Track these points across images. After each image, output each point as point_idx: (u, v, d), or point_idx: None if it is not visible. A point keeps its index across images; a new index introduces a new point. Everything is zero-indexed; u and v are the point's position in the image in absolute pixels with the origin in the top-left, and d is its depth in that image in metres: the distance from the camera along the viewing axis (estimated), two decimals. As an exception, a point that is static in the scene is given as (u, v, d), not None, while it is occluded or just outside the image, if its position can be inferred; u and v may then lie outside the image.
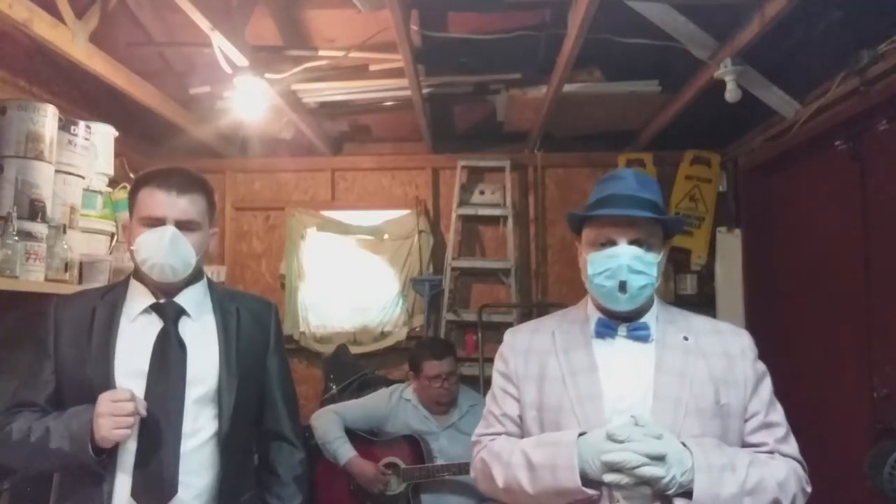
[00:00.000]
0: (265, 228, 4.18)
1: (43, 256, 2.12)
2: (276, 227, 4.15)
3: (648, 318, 1.47)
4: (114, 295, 1.59)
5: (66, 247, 2.25)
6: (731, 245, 3.63)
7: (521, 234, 4.04)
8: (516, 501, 1.43)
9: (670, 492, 1.27)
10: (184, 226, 1.53)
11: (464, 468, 2.72)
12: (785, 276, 3.33)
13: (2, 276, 1.95)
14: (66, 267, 2.25)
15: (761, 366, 1.47)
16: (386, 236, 4.03)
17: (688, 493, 1.27)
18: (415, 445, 2.80)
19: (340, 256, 4.03)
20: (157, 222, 1.51)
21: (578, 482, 1.29)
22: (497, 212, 3.97)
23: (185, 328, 1.57)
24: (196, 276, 1.63)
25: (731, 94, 2.66)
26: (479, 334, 3.87)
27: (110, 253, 2.55)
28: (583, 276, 1.51)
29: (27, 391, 1.53)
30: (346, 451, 2.77)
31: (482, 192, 4.03)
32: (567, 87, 3.01)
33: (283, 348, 1.77)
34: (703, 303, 3.68)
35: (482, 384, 3.74)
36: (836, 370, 2.72)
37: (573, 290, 4.02)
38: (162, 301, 1.57)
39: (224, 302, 1.66)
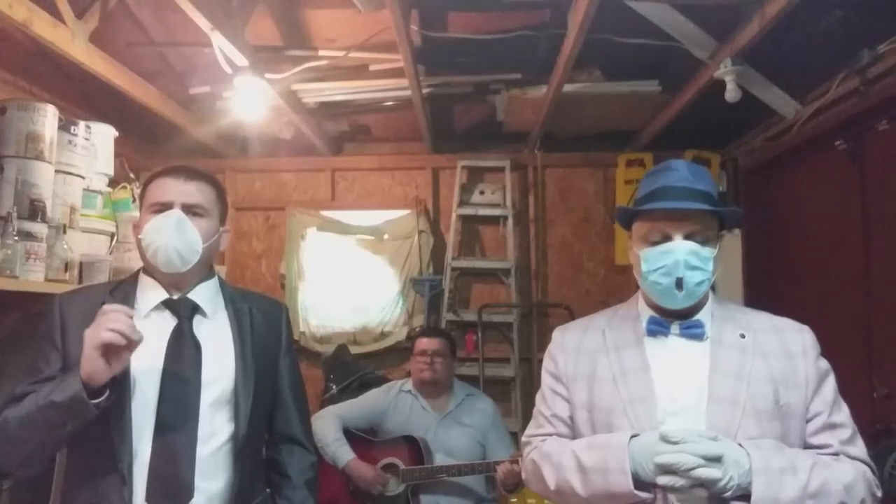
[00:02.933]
0: (265, 228, 4.19)
1: (43, 256, 2.11)
2: (276, 227, 4.16)
3: (703, 316, 1.41)
4: (123, 290, 1.54)
5: (66, 247, 2.25)
6: (731, 245, 3.63)
7: (521, 234, 4.05)
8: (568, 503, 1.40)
9: (728, 494, 1.22)
10: (190, 210, 1.50)
11: (463, 469, 2.72)
12: (785, 276, 3.33)
13: (2, 276, 1.94)
14: (66, 267, 2.25)
15: (824, 364, 1.40)
16: (386, 236, 4.03)
17: (745, 496, 1.22)
18: (414, 446, 2.80)
19: (340, 256, 4.03)
20: (164, 207, 1.49)
21: (631, 485, 1.26)
22: (497, 212, 3.98)
23: (200, 327, 1.52)
24: (208, 274, 1.61)
25: (731, 94, 2.66)
26: (479, 334, 3.88)
27: (110, 253, 2.55)
28: (635, 272, 1.44)
29: (30, 386, 1.43)
30: (344, 454, 2.78)
31: (482, 192, 4.03)
32: (567, 87, 3.01)
33: (294, 350, 1.74)
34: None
35: (482, 384, 3.75)
36: (835, 370, 2.72)
37: (573, 290, 4.03)
38: (175, 297, 1.53)
39: (236, 301, 1.63)
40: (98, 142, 2.55)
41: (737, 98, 2.68)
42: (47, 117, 2.18)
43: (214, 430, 1.48)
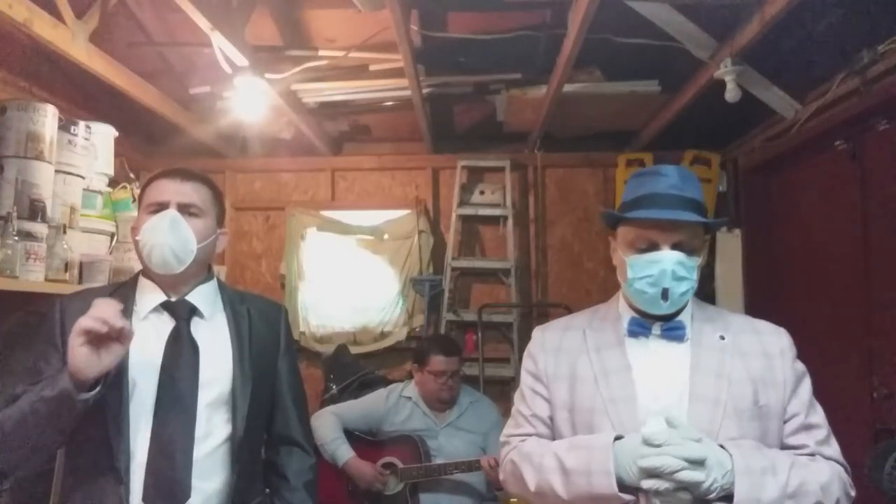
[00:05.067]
0: (265, 228, 4.19)
1: (43, 256, 2.11)
2: (276, 227, 4.15)
3: (684, 317, 1.41)
4: (123, 293, 1.55)
5: (66, 247, 2.25)
6: (731, 245, 3.63)
7: (521, 234, 4.05)
8: None
9: (711, 496, 1.23)
10: (185, 209, 1.52)
11: (461, 466, 2.72)
12: (785, 277, 3.33)
13: (2, 276, 1.94)
14: (66, 267, 2.25)
15: (801, 366, 1.42)
16: (386, 236, 4.03)
17: (728, 497, 1.22)
18: (412, 445, 2.80)
19: (340, 256, 4.03)
20: (160, 207, 1.51)
21: (615, 488, 1.25)
22: (497, 212, 3.98)
23: (198, 328, 1.54)
24: (206, 276, 1.61)
25: (731, 94, 2.66)
26: (479, 334, 3.88)
27: (110, 253, 2.55)
28: (619, 276, 1.44)
29: (29, 387, 1.42)
30: (344, 453, 2.78)
31: (482, 192, 4.03)
32: (567, 87, 3.01)
33: (293, 351, 1.74)
34: (702, 303, 3.69)
35: (482, 384, 3.74)
36: (836, 370, 2.72)
37: (573, 290, 4.03)
38: (173, 299, 1.54)
39: (235, 303, 1.63)
40: (98, 142, 2.55)
41: (737, 98, 2.68)
42: (47, 117, 2.18)
43: (211, 430, 1.49)
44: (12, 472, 1.54)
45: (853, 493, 1.34)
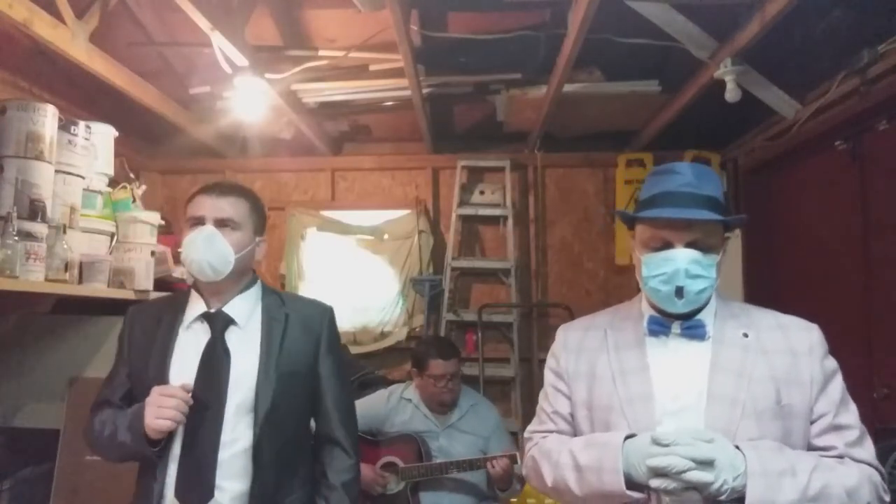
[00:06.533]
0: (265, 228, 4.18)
1: (43, 256, 2.11)
2: (276, 227, 4.15)
3: (705, 315, 1.39)
4: (178, 303, 1.71)
5: (66, 247, 2.25)
6: (731, 245, 3.61)
7: (521, 234, 4.05)
8: (565, 501, 1.41)
9: (722, 497, 1.21)
10: (221, 224, 1.63)
11: (462, 465, 2.72)
12: (785, 277, 3.33)
13: (2, 276, 1.94)
14: (66, 267, 2.24)
15: (832, 363, 1.37)
16: (386, 236, 4.03)
17: (741, 499, 1.20)
18: (413, 444, 2.80)
19: (340, 256, 4.03)
20: (198, 222, 1.63)
21: (623, 486, 1.25)
22: (497, 212, 3.98)
23: (231, 337, 1.64)
24: (249, 282, 1.71)
25: (731, 94, 2.66)
26: (479, 334, 3.88)
27: (110, 253, 2.55)
28: (637, 274, 1.43)
29: (107, 390, 1.69)
30: None
31: (482, 192, 4.03)
32: (567, 87, 3.01)
33: (337, 352, 1.78)
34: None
35: (482, 384, 3.75)
36: (836, 370, 2.72)
37: (573, 290, 4.03)
38: (212, 311, 1.65)
39: (272, 309, 1.71)
40: (98, 142, 2.54)
41: (737, 98, 2.68)
42: (47, 117, 2.17)
43: (237, 435, 1.59)
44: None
45: (887, 498, 1.30)
